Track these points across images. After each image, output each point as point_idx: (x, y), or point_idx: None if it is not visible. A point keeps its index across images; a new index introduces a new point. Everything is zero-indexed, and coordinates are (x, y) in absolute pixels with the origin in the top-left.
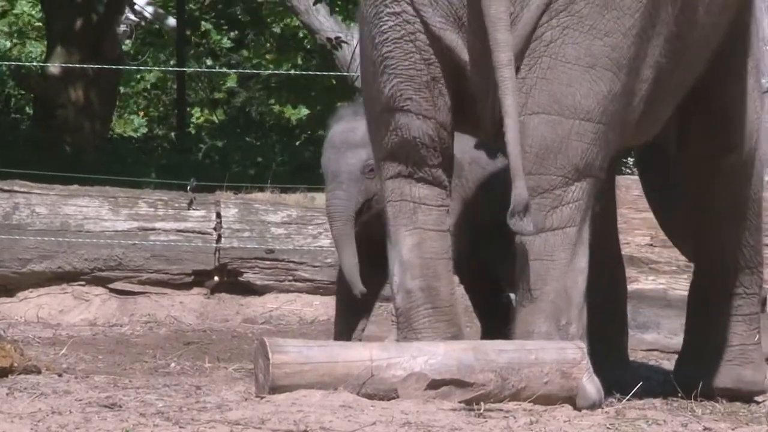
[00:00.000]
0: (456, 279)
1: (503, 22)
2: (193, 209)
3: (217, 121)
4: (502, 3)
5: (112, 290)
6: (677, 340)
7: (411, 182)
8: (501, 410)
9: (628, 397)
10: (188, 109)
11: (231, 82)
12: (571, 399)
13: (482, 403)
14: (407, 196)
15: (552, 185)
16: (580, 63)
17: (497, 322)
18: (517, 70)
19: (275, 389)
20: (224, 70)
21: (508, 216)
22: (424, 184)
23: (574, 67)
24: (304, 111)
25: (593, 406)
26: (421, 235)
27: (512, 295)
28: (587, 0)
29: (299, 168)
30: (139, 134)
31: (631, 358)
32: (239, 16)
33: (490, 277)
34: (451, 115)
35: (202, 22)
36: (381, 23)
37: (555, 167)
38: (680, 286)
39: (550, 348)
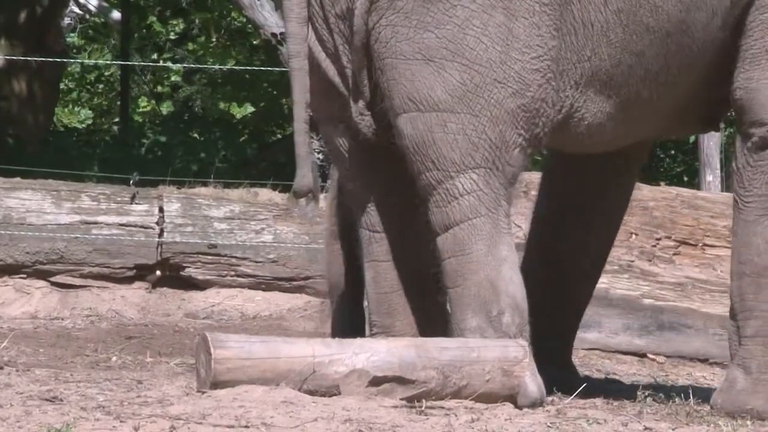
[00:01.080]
0: None
1: (294, 14)
2: (136, 203)
3: (163, 113)
4: None
5: (53, 283)
6: (618, 340)
7: (363, 205)
8: (442, 408)
9: (573, 396)
10: (133, 100)
11: (175, 77)
12: (512, 397)
13: (424, 400)
14: (363, 223)
15: (437, 180)
16: (417, 57)
17: None
18: (360, 69)
19: (217, 384)
20: (168, 64)
21: (297, 206)
22: (371, 205)
23: (413, 63)
24: (250, 108)
25: (534, 405)
26: (376, 269)
27: None
28: None
29: (242, 164)
30: (84, 125)
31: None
32: (184, 6)
33: None
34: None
35: (149, 17)
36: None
37: (431, 162)
38: (621, 286)
39: (493, 346)
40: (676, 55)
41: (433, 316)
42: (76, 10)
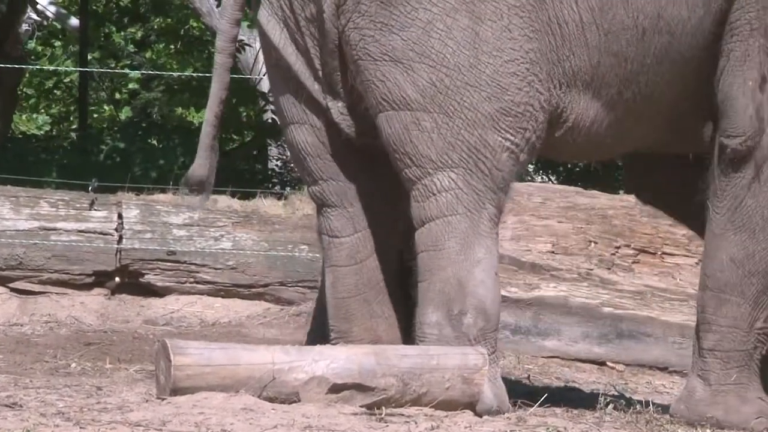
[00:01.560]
0: None
1: (228, 14)
2: (95, 210)
3: (122, 119)
4: None
5: (12, 290)
6: (578, 348)
7: (324, 210)
8: (402, 415)
9: (536, 405)
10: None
11: (134, 84)
12: (472, 405)
13: (383, 407)
14: (323, 227)
15: (416, 176)
16: (385, 59)
17: None
18: (334, 71)
19: (176, 391)
20: (127, 71)
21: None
22: (331, 210)
23: (382, 64)
24: None
25: (491, 412)
26: (335, 274)
27: None
28: None
29: None
30: (42, 132)
31: (531, 366)
32: (144, 12)
33: None
34: (324, 117)
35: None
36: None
37: (409, 159)
38: (581, 294)
39: (453, 354)
40: (657, 56)
41: (392, 322)
42: (34, 16)
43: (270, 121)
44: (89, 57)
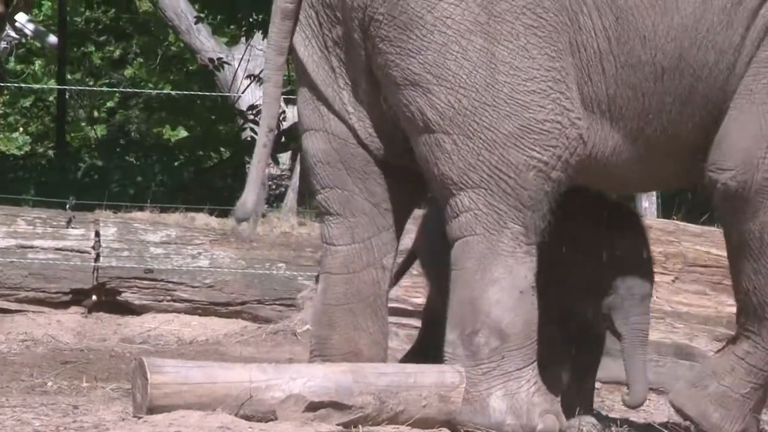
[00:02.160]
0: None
1: (273, 42)
2: (72, 228)
3: (99, 136)
4: (279, 27)
5: None
6: None
7: (327, 218)
8: None
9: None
10: (69, 124)
11: (111, 102)
12: (449, 423)
13: (360, 426)
14: (324, 235)
15: (444, 197)
16: (406, 83)
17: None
18: (367, 95)
19: (153, 409)
20: (105, 89)
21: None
22: (333, 218)
23: (404, 88)
24: (183, 133)
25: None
26: (327, 281)
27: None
28: (390, 23)
29: (179, 188)
30: (22, 152)
31: None
32: (125, 30)
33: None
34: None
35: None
36: None
37: (435, 180)
38: None
39: (430, 371)
40: (680, 96)
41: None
42: (13, 34)
43: (249, 139)
44: (69, 76)
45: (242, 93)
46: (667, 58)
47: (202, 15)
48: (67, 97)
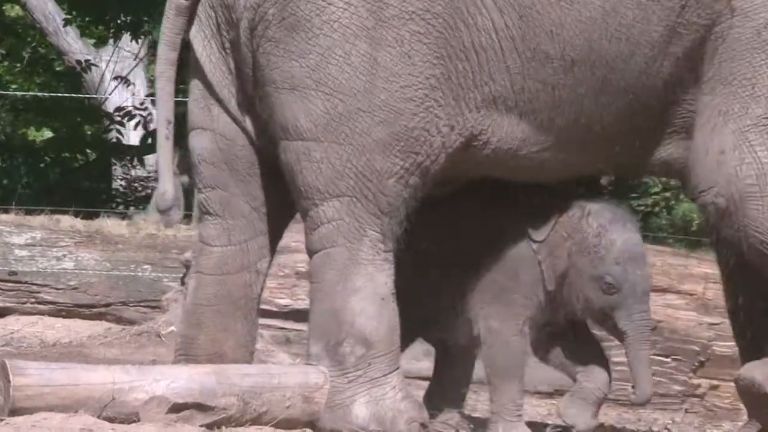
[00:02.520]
0: None
1: (166, 38)
2: None
3: None
4: (173, 22)
5: None
6: (420, 366)
7: (205, 218)
8: None
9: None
10: None
11: None
12: (312, 423)
13: (224, 427)
14: (201, 235)
15: (306, 208)
16: (284, 86)
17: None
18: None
19: (15, 411)
20: None
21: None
22: (212, 219)
23: (281, 91)
24: (48, 133)
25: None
26: (199, 280)
27: None
28: (279, 24)
29: (44, 190)
30: None
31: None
32: None
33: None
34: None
35: None
36: None
37: (299, 191)
38: None
39: (293, 372)
40: (593, 87)
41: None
42: None
43: (114, 140)
44: None
45: (109, 95)
46: (576, 50)
47: (70, 17)
48: None
